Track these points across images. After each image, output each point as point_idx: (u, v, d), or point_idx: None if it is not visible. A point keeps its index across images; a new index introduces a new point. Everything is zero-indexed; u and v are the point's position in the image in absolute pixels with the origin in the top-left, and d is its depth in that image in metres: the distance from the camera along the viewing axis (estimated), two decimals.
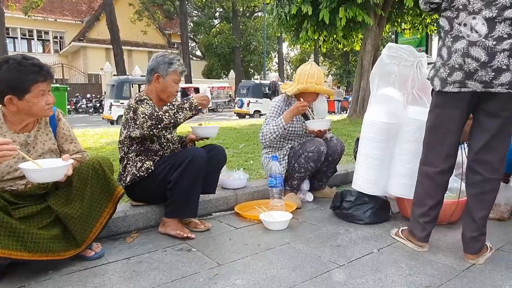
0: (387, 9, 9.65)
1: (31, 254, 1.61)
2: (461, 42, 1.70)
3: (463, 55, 1.68)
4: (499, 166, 1.77)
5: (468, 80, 1.69)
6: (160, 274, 1.73)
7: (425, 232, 1.93)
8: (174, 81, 2.30)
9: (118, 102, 11.93)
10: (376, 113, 2.38)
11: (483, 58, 1.64)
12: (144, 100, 2.23)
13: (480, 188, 1.79)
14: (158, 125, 2.10)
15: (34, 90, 1.66)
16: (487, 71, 1.64)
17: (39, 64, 1.69)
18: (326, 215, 2.61)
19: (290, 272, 1.74)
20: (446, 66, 1.76)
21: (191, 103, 2.18)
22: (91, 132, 6.72)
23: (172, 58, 2.30)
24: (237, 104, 16.15)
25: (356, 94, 10.13)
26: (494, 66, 1.63)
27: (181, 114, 2.15)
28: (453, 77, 1.72)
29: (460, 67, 1.70)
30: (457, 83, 1.72)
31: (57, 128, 1.93)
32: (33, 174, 1.61)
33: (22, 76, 1.63)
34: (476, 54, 1.66)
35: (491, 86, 1.66)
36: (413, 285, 1.61)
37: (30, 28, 27.24)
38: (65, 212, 1.74)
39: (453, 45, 1.73)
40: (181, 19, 26.63)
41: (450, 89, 1.75)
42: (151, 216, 2.35)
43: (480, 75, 1.66)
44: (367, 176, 2.42)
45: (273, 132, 2.71)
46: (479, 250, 1.81)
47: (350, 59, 29.33)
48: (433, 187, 1.89)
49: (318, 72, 2.83)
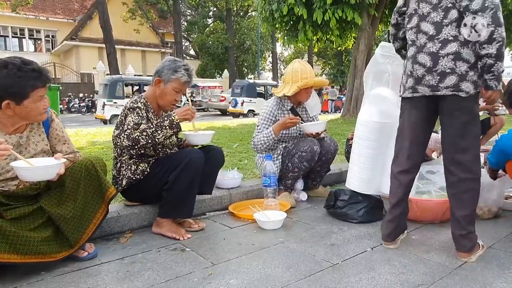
0: (380, 9, 9.71)
1: (20, 256, 1.59)
2: (411, 49, 1.85)
3: (412, 62, 1.82)
4: (472, 166, 1.79)
5: (418, 85, 1.81)
6: (154, 274, 1.73)
7: (387, 230, 1.99)
8: (175, 90, 2.18)
9: (111, 101, 11.85)
10: (369, 112, 2.40)
11: (428, 64, 1.75)
12: (136, 110, 2.14)
13: (457, 188, 1.82)
14: (134, 146, 2.04)
15: (34, 95, 1.65)
16: (433, 76, 1.75)
17: (39, 69, 1.66)
18: (320, 214, 2.62)
19: (284, 271, 1.74)
20: (404, 73, 1.93)
21: (172, 121, 2.08)
22: (84, 132, 6.67)
23: (179, 66, 2.18)
24: (231, 104, 16.13)
25: (350, 94, 10.19)
26: (438, 70, 1.73)
27: (159, 134, 2.06)
28: (408, 83, 1.87)
29: (411, 73, 1.83)
30: (410, 88, 1.85)
31: (50, 129, 1.91)
32: (26, 173, 1.59)
33: (23, 82, 1.60)
34: (422, 60, 1.78)
35: (437, 89, 1.75)
36: (406, 283, 1.62)
37: (21, 27, 26.89)
38: (57, 212, 1.72)
39: (408, 53, 1.89)
40: (174, 18, 26.53)
41: (406, 94, 1.89)
42: (144, 216, 2.34)
43: (427, 80, 1.77)
44: (360, 175, 2.43)
45: (263, 143, 2.74)
46: (471, 248, 1.83)
47: (343, 59, 29.42)
48: (395, 186, 1.97)
49: (307, 65, 2.86)
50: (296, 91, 2.77)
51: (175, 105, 2.27)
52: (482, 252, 1.87)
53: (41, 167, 1.63)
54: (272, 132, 2.71)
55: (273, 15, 9.19)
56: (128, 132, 2.05)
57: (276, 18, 9.20)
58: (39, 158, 1.76)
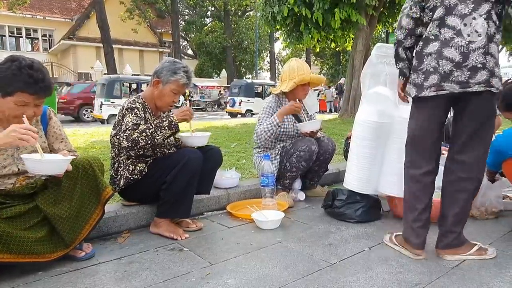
0: (378, 9, 9.72)
1: (13, 256, 1.58)
2: (434, 44, 1.70)
3: (437, 57, 1.68)
4: (475, 167, 1.78)
5: (444, 82, 1.68)
6: (151, 274, 1.72)
7: (420, 238, 1.86)
8: (173, 91, 2.17)
9: (109, 101, 11.83)
10: (367, 112, 2.40)
11: (457, 58, 1.63)
12: (134, 110, 2.13)
13: (454, 187, 1.81)
14: (134, 147, 2.04)
15: (17, 97, 1.63)
16: (462, 71, 1.63)
17: (37, 78, 1.63)
18: (317, 214, 2.62)
19: (282, 271, 1.74)
20: (419, 71, 1.76)
21: (171, 121, 2.08)
22: (81, 131, 6.65)
23: (178, 68, 2.17)
24: (229, 103, 16.14)
25: (348, 94, 10.20)
26: (469, 66, 1.62)
27: (159, 134, 2.06)
28: (429, 81, 1.72)
29: (435, 70, 1.69)
30: (434, 86, 1.71)
31: (48, 127, 1.91)
32: (38, 166, 1.60)
33: (13, 80, 1.61)
34: (450, 54, 1.65)
35: (468, 85, 1.65)
36: (404, 283, 1.62)
37: (18, 26, 26.77)
38: (53, 212, 1.72)
39: (424, 49, 1.74)
40: (172, 17, 26.45)
41: (427, 93, 1.73)
42: (142, 216, 2.34)
43: (456, 76, 1.65)
44: (358, 174, 2.44)
45: (267, 131, 2.71)
46: (448, 246, 1.83)
47: (341, 59, 29.46)
48: (420, 190, 1.86)
49: (303, 63, 2.89)
50: (292, 87, 2.78)
51: (173, 106, 2.26)
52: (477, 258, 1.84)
53: (53, 160, 1.65)
54: (276, 118, 2.71)
55: (275, 18, 9.18)
56: (127, 133, 2.05)
57: (279, 21, 9.19)
58: (46, 154, 1.76)
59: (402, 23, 1.82)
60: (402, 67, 1.92)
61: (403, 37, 1.84)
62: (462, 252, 1.84)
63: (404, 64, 1.91)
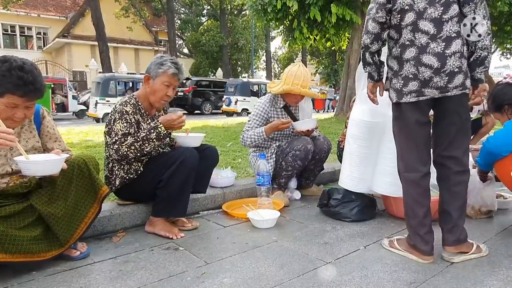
0: None
1: (8, 255, 1.57)
2: (410, 50, 1.71)
3: (415, 64, 1.69)
4: (466, 160, 1.84)
5: (425, 88, 1.71)
6: (147, 273, 1.72)
7: (429, 245, 1.83)
8: (164, 83, 2.15)
9: (104, 100, 11.77)
10: (361, 111, 2.41)
11: (436, 65, 1.66)
12: (124, 115, 2.11)
13: (449, 181, 1.83)
14: (124, 159, 2.08)
15: (7, 99, 1.60)
16: (441, 77, 1.67)
17: (26, 81, 1.59)
18: (313, 213, 2.62)
19: (278, 269, 1.75)
20: (399, 76, 1.77)
21: (159, 133, 2.06)
22: (76, 130, 6.61)
23: (165, 59, 2.16)
24: (225, 102, 16.12)
25: (343, 93, 10.23)
26: (447, 71, 1.66)
27: (147, 146, 2.06)
28: (408, 87, 1.74)
29: (415, 76, 1.71)
30: (414, 92, 1.73)
31: (42, 126, 1.89)
32: (33, 167, 1.59)
33: (2, 81, 1.58)
34: (428, 61, 1.67)
35: (446, 90, 1.69)
36: (398, 282, 1.63)
37: (12, 24, 26.55)
38: (48, 211, 1.70)
39: (402, 55, 1.74)
40: (168, 16, 26.35)
41: (408, 99, 1.76)
42: (137, 215, 2.33)
43: (435, 82, 1.68)
44: (352, 174, 2.45)
45: (253, 141, 2.76)
46: (456, 242, 1.83)
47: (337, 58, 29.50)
48: (420, 194, 1.84)
49: (305, 74, 2.82)
50: (280, 93, 2.80)
51: (167, 100, 2.24)
52: (477, 256, 1.86)
53: (49, 160, 1.63)
54: (264, 133, 2.73)
55: (265, 9, 9.11)
56: (116, 147, 2.05)
57: (269, 12, 9.10)
58: (36, 155, 1.74)
59: (368, 27, 1.80)
60: (370, 71, 1.91)
61: (370, 42, 1.82)
62: (466, 249, 1.85)
63: (372, 68, 1.90)
